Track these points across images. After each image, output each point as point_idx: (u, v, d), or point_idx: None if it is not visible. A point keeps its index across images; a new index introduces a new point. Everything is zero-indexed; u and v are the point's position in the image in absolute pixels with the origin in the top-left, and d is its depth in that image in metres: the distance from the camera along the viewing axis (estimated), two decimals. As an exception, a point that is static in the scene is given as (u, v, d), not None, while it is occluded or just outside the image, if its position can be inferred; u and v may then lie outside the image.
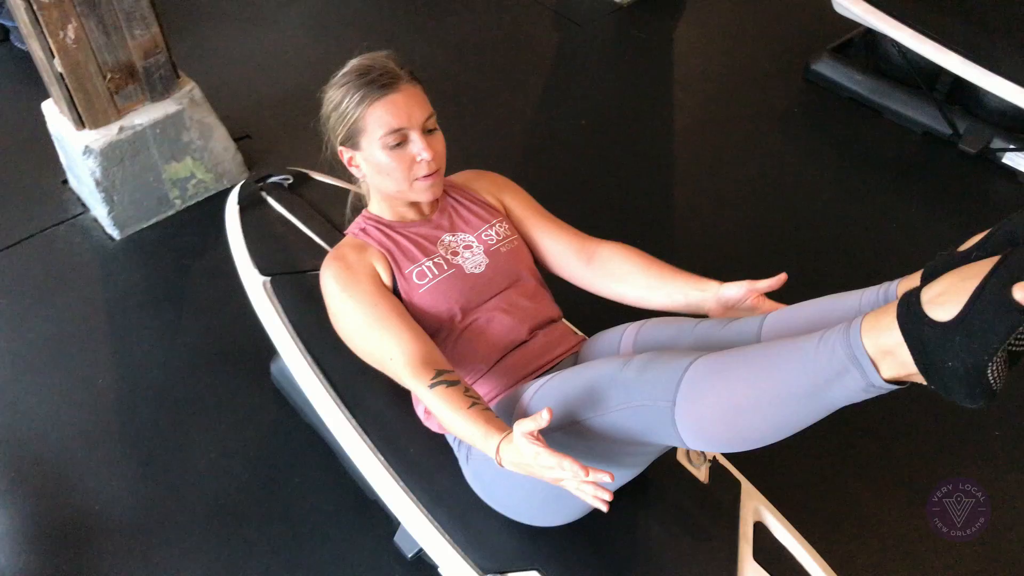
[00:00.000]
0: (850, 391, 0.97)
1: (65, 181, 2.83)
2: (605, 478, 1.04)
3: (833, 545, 1.87)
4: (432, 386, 1.26)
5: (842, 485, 2.01)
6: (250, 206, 2.04)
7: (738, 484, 1.59)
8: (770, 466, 1.81)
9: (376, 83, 1.39)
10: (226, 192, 2.45)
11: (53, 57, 2.29)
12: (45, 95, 2.55)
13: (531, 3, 3.70)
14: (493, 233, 1.53)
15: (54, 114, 2.57)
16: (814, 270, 2.52)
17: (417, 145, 1.41)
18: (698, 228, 2.69)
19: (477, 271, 1.48)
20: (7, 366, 2.26)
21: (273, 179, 2.11)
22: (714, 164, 2.92)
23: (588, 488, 1.06)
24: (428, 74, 3.41)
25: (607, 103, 3.19)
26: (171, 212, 2.72)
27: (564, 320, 1.80)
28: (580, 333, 1.77)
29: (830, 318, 1.14)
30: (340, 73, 1.45)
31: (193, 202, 2.75)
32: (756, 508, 1.57)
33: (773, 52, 3.43)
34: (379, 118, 1.39)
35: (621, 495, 1.46)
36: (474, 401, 1.24)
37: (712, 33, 3.55)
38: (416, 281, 1.45)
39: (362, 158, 1.46)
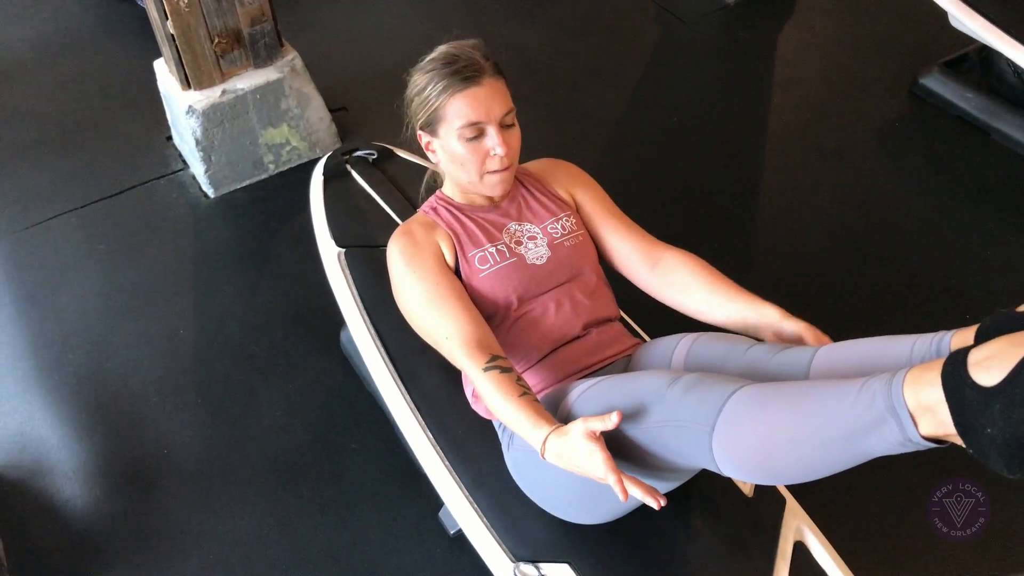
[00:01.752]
0: (887, 443, 0.96)
1: (170, 137, 2.97)
2: (652, 504, 1.09)
3: None
4: (486, 369, 1.29)
5: (899, 520, 1.95)
6: (334, 177, 2.10)
7: (783, 501, 1.57)
8: (821, 487, 1.77)
9: (460, 74, 1.41)
10: (318, 160, 2.53)
11: (166, 19, 2.40)
12: (159, 53, 2.68)
13: (636, -5, 3.67)
14: (559, 227, 1.55)
15: (164, 73, 2.69)
16: (896, 291, 2.44)
17: (492, 140, 1.44)
18: (780, 235, 2.64)
19: (538, 262, 1.50)
20: (100, 308, 2.40)
21: (358, 153, 2.17)
22: (805, 172, 2.85)
23: (635, 491, 1.09)
24: (523, 57, 3.42)
25: (701, 102, 3.14)
26: (264, 176, 2.82)
27: (624, 319, 1.80)
28: (637, 336, 1.78)
29: (880, 362, 1.13)
30: (427, 58, 1.47)
31: (286, 168, 2.85)
32: (799, 527, 1.55)
33: (881, 62, 3.32)
34: (459, 110, 1.42)
35: (661, 499, 1.46)
36: (525, 391, 1.27)
37: (819, 38, 3.45)
38: (478, 265, 1.48)
39: (439, 145, 1.49)
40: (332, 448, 2.05)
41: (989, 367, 0.87)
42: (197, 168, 2.74)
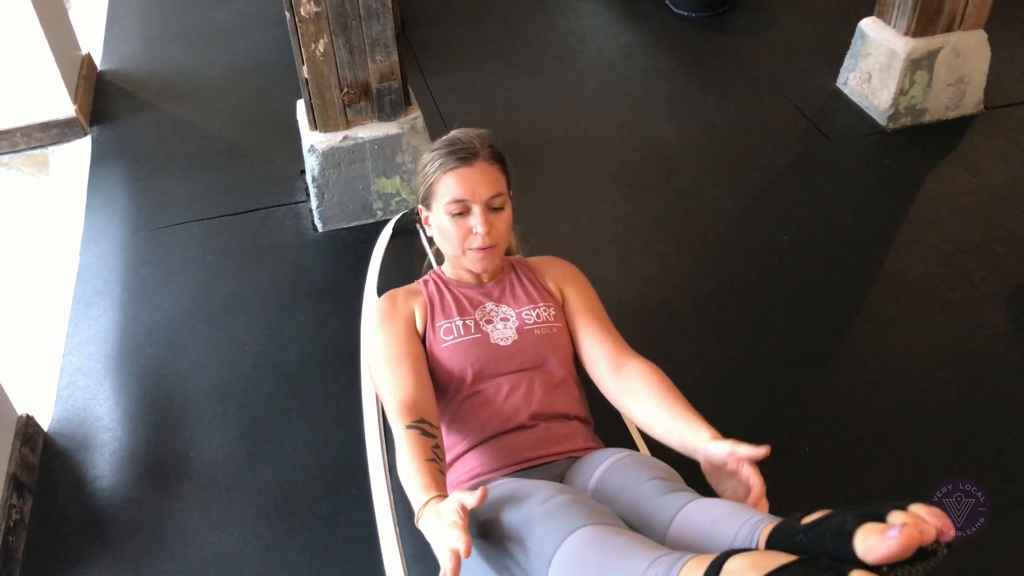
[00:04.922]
0: None
1: (303, 171, 3.20)
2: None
3: None
4: (408, 427, 1.32)
5: None
6: (402, 233, 2.20)
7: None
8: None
9: (455, 155, 1.52)
10: (419, 216, 2.65)
11: (303, 64, 2.62)
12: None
13: (790, 108, 3.58)
14: (534, 314, 1.57)
15: (301, 111, 2.92)
16: (975, 470, 2.18)
17: (476, 219, 1.51)
18: (859, 379, 2.42)
19: (502, 343, 1.52)
20: (188, 312, 2.61)
21: None
22: (910, 319, 2.62)
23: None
24: (654, 152, 3.39)
25: (820, 226, 2.99)
26: (370, 220, 2.98)
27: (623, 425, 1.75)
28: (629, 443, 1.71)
29: (718, 531, 1.06)
30: (439, 139, 1.59)
31: (392, 216, 2.98)
32: None
33: (1039, 219, 3.03)
34: (448, 187, 1.52)
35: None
36: (435, 458, 1.28)
37: (975, 182, 3.20)
38: (442, 336, 1.53)
39: (433, 219, 1.59)
40: (333, 489, 2.10)
41: None
42: (313, 202, 2.94)
